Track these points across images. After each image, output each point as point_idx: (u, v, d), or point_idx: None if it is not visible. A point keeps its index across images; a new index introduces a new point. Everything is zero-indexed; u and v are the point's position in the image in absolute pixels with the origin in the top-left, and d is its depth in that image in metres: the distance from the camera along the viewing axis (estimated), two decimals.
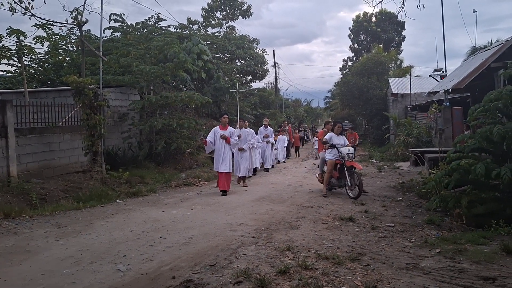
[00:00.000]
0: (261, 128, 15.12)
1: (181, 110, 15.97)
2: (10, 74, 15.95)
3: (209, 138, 9.46)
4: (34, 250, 4.97)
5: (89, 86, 10.35)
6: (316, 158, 16.39)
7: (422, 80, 26.33)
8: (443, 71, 18.74)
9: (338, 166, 9.00)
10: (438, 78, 18.49)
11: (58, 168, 10.27)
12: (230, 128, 9.81)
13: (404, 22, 47.69)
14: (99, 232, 5.86)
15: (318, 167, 10.80)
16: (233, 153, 10.45)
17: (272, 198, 8.70)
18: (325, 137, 9.31)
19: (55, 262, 4.46)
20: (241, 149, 10.82)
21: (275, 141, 17.00)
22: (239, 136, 10.24)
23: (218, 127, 9.75)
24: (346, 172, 8.65)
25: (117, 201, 8.71)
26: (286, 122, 21.72)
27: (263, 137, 14.50)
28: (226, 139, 9.36)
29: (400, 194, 9.18)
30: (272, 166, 15.75)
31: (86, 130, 10.43)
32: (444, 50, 19.97)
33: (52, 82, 16.35)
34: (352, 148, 9.19)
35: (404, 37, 50.17)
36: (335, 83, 45.66)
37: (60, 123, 10.67)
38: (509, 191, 6.27)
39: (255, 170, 13.56)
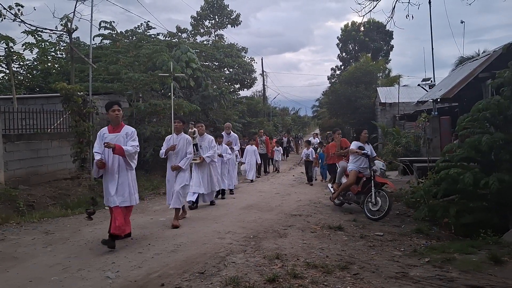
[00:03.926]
0: (223, 134, 11.15)
1: (170, 118, 15.90)
2: None
3: (98, 149, 5.52)
4: (21, 257, 4.90)
5: (78, 93, 10.28)
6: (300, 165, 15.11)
7: (410, 89, 26.70)
8: (431, 81, 19.00)
9: (363, 180, 7.83)
10: (427, 88, 18.75)
11: (46, 174, 10.13)
12: (184, 135, 7.16)
13: (393, 31, 48.38)
14: (87, 239, 5.79)
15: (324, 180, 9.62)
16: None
17: (260, 206, 8.68)
18: (352, 147, 8.05)
19: (43, 269, 4.38)
20: (175, 168, 6.87)
21: (240, 153, 13.27)
22: (173, 148, 6.93)
23: (106, 128, 5.75)
24: (373, 188, 7.46)
25: (105, 208, 8.60)
26: (262, 131, 16.82)
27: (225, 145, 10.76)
28: (114, 150, 5.27)
29: None
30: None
31: (74, 137, 10.33)
32: (433, 60, 20.23)
33: (41, 89, 16.19)
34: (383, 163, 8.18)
35: (392, 47, 50.86)
36: (323, 92, 46.06)
37: (49, 130, 10.55)
38: (497, 201, 6.34)
39: (222, 192, 9.93)
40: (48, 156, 10.32)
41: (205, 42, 30.56)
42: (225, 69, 29.81)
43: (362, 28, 49.85)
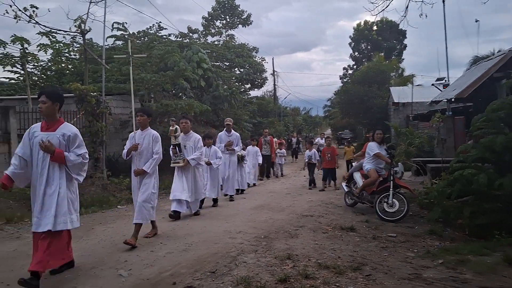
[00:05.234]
0: (221, 134, 9.98)
1: (181, 118, 15.98)
2: (13, 81, 16.02)
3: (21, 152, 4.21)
4: None
5: (91, 93, 10.43)
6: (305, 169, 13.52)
7: (423, 89, 26.37)
8: (445, 80, 18.75)
9: (379, 180, 7.72)
10: (441, 88, 18.50)
11: None
12: (151, 131, 5.90)
13: (406, 31, 47.85)
14: (100, 237, 5.86)
15: (343, 184, 8.92)
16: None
17: (271, 206, 8.66)
18: (372, 149, 7.87)
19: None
20: (138, 172, 5.66)
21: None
22: (136, 147, 5.72)
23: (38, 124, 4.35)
24: (391, 190, 7.32)
25: (118, 207, 8.72)
26: (266, 131, 15.50)
27: (225, 146, 9.71)
28: (52, 155, 4.06)
29: None
30: (242, 191, 10.75)
31: (88, 137, 10.46)
32: (447, 59, 20.02)
33: None
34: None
35: (405, 46, 50.23)
36: (335, 91, 45.78)
37: None
38: None
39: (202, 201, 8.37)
40: None
41: (216, 42, 30.69)
42: (236, 69, 29.90)
43: (375, 27, 49.47)
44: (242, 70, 29.98)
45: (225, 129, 10.05)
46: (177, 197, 7.16)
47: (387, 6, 8.10)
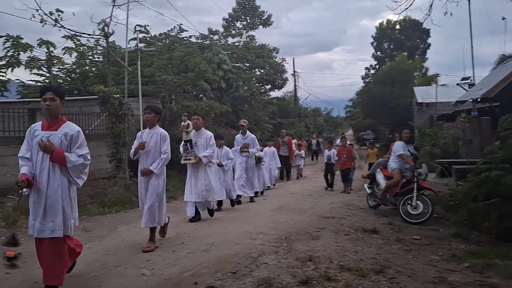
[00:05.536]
0: (238, 136, 9.68)
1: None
2: (40, 83, 16.49)
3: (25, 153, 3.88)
4: None
5: (114, 95, 10.62)
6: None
7: (448, 89, 25.78)
8: (471, 80, 18.31)
9: (402, 181, 7.59)
10: (466, 87, 18.07)
11: None
12: (159, 129, 5.71)
13: (430, 29, 46.87)
14: (123, 236, 5.96)
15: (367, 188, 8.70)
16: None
17: (291, 207, 8.62)
18: (398, 149, 7.73)
19: (82, 265, 4.52)
20: (145, 172, 5.41)
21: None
22: (143, 146, 5.48)
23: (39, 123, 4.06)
24: (415, 191, 7.18)
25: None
26: (284, 132, 15.06)
27: (240, 149, 9.38)
28: (52, 155, 3.77)
29: None
30: (262, 192, 10.69)
31: (111, 138, 10.66)
32: (472, 58, 19.50)
33: (79, 91, 16.81)
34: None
35: (429, 45, 49.19)
36: (356, 92, 45.29)
37: (87, 131, 10.94)
38: None
39: (237, 201, 8.97)
40: None
41: (236, 44, 30.83)
42: (256, 70, 29.96)
43: (397, 26, 48.67)
44: (262, 71, 30.02)
45: (240, 132, 9.67)
46: (186, 199, 7.07)
47: (410, 5, 7.94)
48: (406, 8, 8.08)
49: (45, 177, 3.72)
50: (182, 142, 6.99)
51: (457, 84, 20.12)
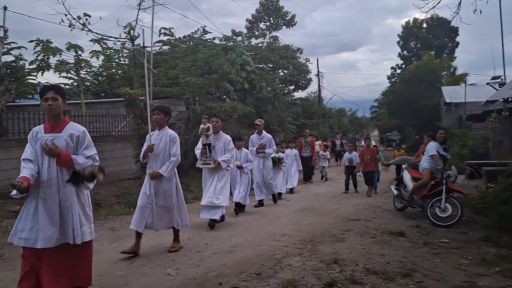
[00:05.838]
0: (253, 137, 9.12)
1: (225, 121, 16.23)
2: (68, 86, 16.99)
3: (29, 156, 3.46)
4: None
5: (140, 97, 10.81)
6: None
7: (477, 88, 25.06)
8: (501, 79, 17.70)
9: (431, 183, 7.36)
10: (496, 86, 17.51)
11: (110, 175, 10.74)
12: (168, 130, 5.46)
13: (458, 27, 45.66)
14: (149, 236, 6.03)
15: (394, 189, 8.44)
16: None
17: (315, 209, 8.54)
18: (431, 149, 7.49)
19: (109, 264, 4.63)
20: (154, 176, 5.17)
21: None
22: (151, 148, 5.26)
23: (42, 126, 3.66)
24: (444, 194, 6.95)
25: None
26: (307, 131, 14.66)
27: (256, 150, 8.82)
28: (58, 159, 3.42)
29: None
30: (279, 195, 10.00)
31: (136, 139, 10.86)
32: (503, 57, 18.84)
33: (106, 94, 17.25)
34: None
35: (457, 44, 47.97)
36: (382, 92, 44.57)
37: (113, 133, 11.19)
38: None
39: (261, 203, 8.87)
40: (112, 157, 10.96)
41: (259, 45, 30.86)
42: (280, 70, 29.89)
43: (424, 25, 47.64)
44: (286, 71, 29.93)
45: (256, 132, 9.14)
46: (202, 203, 6.73)
47: (438, 3, 7.74)
48: (434, 6, 7.88)
49: (55, 182, 3.41)
50: (201, 146, 6.75)
51: (487, 83, 19.49)
